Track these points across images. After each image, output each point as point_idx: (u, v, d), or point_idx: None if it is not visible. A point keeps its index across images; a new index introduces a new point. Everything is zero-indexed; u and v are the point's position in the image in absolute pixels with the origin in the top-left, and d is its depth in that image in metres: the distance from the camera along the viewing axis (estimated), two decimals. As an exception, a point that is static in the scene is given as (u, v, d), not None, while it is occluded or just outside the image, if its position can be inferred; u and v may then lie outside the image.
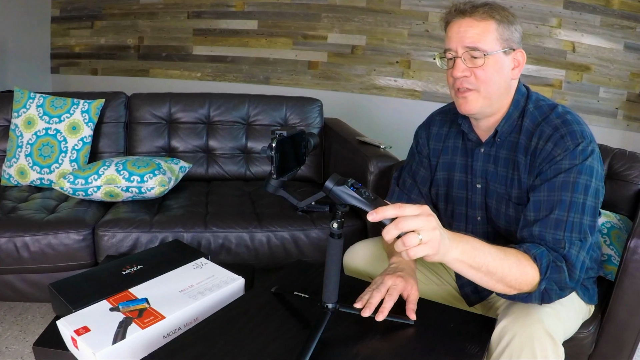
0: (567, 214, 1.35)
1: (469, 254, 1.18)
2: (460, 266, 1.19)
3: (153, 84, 4.92)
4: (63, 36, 5.13)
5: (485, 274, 1.22)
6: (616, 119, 4.18)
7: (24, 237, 2.25)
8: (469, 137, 1.62)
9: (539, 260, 1.29)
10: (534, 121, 1.49)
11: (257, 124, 3.25)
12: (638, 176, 2.06)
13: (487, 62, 1.42)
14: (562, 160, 1.38)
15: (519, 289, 1.28)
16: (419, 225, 1.05)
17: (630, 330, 1.74)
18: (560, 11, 4.11)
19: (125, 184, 2.51)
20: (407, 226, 1.04)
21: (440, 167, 1.71)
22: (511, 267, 1.25)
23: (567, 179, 1.37)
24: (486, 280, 1.24)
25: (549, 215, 1.37)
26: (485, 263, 1.20)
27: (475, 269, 1.20)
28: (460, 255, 1.16)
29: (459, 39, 1.44)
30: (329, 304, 1.24)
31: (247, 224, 2.46)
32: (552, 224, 1.36)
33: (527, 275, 1.27)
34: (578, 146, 1.38)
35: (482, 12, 1.42)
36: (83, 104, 2.87)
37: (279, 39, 4.70)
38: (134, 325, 1.34)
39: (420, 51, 4.42)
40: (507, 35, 1.44)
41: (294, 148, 1.26)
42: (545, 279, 1.28)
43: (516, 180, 1.50)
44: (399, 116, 4.46)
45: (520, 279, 1.26)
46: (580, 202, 1.36)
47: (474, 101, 1.47)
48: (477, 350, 1.24)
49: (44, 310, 2.62)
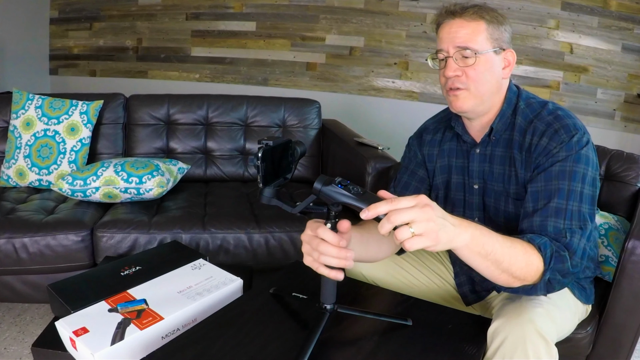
0: (566, 202, 1.37)
1: (478, 240, 1.17)
2: (469, 253, 1.18)
3: (151, 85, 4.93)
4: (62, 37, 5.14)
5: (492, 262, 1.21)
6: (614, 120, 4.19)
7: (22, 238, 2.25)
8: (463, 138, 1.63)
9: (544, 250, 1.29)
10: (526, 118, 1.52)
11: (256, 125, 3.25)
12: (635, 177, 2.07)
13: (478, 61, 1.45)
14: (558, 153, 1.41)
15: (522, 279, 1.28)
16: (412, 217, 1.03)
17: (627, 331, 1.75)
18: (558, 12, 4.12)
19: (124, 185, 2.51)
20: (399, 219, 1.03)
21: (439, 171, 1.72)
22: (517, 256, 1.24)
23: (564, 168, 1.39)
24: (492, 270, 1.23)
25: (548, 204, 1.38)
26: (493, 251, 1.19)
27: (482, 256, 1.19)
28: (469, 241, 1.15)
29: (450, 39, 1.47)
30: (327, 305, 1.24)
31: (246, 225, 2.46)
32: (552, 213, 1.37)
33: (532, 265, 1.27)
34: (573, 137, 1.41)
35: (472, 12, 1.45)
36: (81, 106, 2.87)
37: (277, 40, 4.71)
38: (133, 326, 1.34)
39: (418, 52, 4.43)
40: (497, 35, 1.47)
41: (281, 157, 1.27)
42: (549, 269, 1.28)
43: (514, 176, 1.52)
44: (397, 117, 4.47)
45: (526, 269, 1.26)
46: (579, 190, 1.38)
47: (465, 100, 1.49)
48: (475, 351, 1.24)
49: (43, 311, 2.62)
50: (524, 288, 1.32)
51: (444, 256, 1.83)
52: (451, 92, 1.50)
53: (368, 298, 1.51)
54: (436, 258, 1.81)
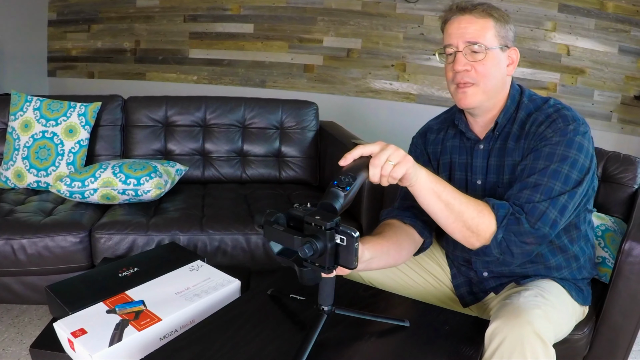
0: (548, 180, 1.41)
1: (434, 179, 1.35)
2: (426, 189, 1.34)
3: (149, 87, 4.93)
4: (60, 39, 5.14)
5: (445, 204, 1.35)
6: (610, 122, 4.20)
7: (21, 239, 2.25)
8: (467, 135, 1.65)
9: (497, 209, 1.40)
10: (527, 112, 1.56)
11: (253, 127, 3.25)
12: (632, 179, 2.08)
13: (487, 56, 1.49)
14: (552, 137, 1.45)
15: (476, 232, 1.38)
16: (387, 154, 1.23)
17: (624, 332, 1.75)
18: (555, 14, 4.13)
19: (122, 187, 2.52)
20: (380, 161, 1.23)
21: (442, 168, 1.73)
22: (469, 205, 1.38)
23: (554, 150, 1.44)
24: (447, 215, 1.37)
25: (527, 179, 1.44)
26: (445, 191, 1.35)
27: (437, 194, 1.35)
28: (426, 177, 1.33)
29: (460, 35, 1.50)
30: (325, 306, 1.24)
31: (243, 226, 2.46)
32: (530, 186, 1.43)
33: (484, 217, 1.38)
34: (569, 125, 1.45)
35: (481, 10, 1.49)
36: (80, 107, 2.87)
37: (275, 42, 4.71)
38: (131, 327, 1.35)
39: (415, 54, 4.44)
40: (503, 33, 1.51)
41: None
42: (501, 227, 1.38)
43: (509, 165, 1.56)
44: (394, 119, 4.48)
45: (477, 220, 1.38)
46: (564, 172, 1.42)
47: (473, 95, 1.52)
48: (472, 352, 1.25)
49: (41, 312, 2.62)
50: (481, 248, 1.41)
51: (441, 258, 1.83)
52: (459, 88, 1.53)
53: (365, 299, 1.51)
54: (433, 260, 1.82)
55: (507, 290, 1.62)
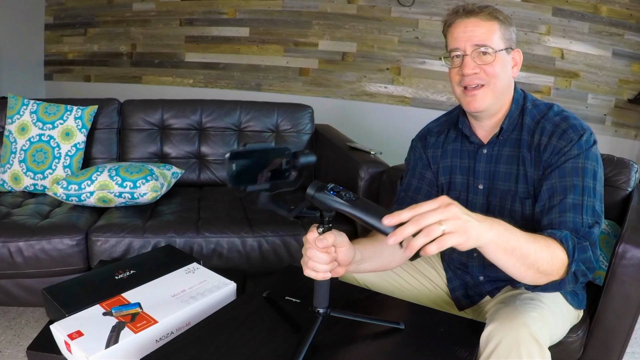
0: (582, 198, 1.40)
1: (503, 236, 1.15)
2: (495, 249, 1.15)
3: (146, 90, 4.94)
4: (56, 43, 5.14)
5: (518, 258, 1.18)
6: (604, 125, 4.22)
7: (17, 242, 2.26)
8: (470, 139, 1.66)
9: (565, 242, 1.30)
10: (533, 118, 1.56)
11: (249, 130, 3.26)
12: (626, 182, 2.09)
13: (496, 58, 1.49)
14: (570, 151, 1.45)
15: (549, 274, 1.26)
16: (441, 216, 1.02)
17: (618, 334, 1.76)
18: (549, 18, 4.15)
19: (118, 190, 2.52)
20: (427, 221, 1.01)
21: (442, 171, 1.73)
22: (542, 250, 1.23)
23: (576, 164, 1.43)
24: (518, 267, 1.20)
25: (564, 200, 1.41)
26: (519, 246, 1.17)
27: (509, 252, 1.16)
28: (495, 236, 1.12)
29: (467, 38, 1.50)
30: (320, 308, 1.24)
31: (239, 229, 2.47)
32: (570, 208, 1.40)
33: (557, 258, 1.26)
34: (582, 137, 1.45)
35: (487, 12, 1.50)
36: (76, 111, 2.88)
37: (270, 46, 4.72)
38: (127, 329, 1.35)
39: (410, 58, 4.45)
40: (507, 35, 1.52)
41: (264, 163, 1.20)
42: (574, 260, 1.28)
43: (522, 175, 1.55)
44: (389, 122, 4.49)
45: (551, 262, 1.25)
46: (591, 186, 1.42)
47: (483, 98, 1.52)
48: (467, 355, 1.25)
49: (38, 314, 2.62)
50: (552, 284, 1.30)
51: (435, 261, 1.84)
52: (468, 92, 1.53)
53: (361, 302, 1.51)
54: (428, 263, 1.82)
55: (502, 293, 1.63)
